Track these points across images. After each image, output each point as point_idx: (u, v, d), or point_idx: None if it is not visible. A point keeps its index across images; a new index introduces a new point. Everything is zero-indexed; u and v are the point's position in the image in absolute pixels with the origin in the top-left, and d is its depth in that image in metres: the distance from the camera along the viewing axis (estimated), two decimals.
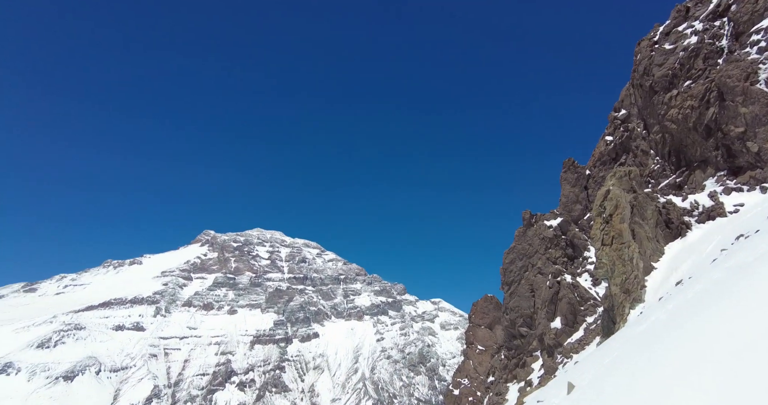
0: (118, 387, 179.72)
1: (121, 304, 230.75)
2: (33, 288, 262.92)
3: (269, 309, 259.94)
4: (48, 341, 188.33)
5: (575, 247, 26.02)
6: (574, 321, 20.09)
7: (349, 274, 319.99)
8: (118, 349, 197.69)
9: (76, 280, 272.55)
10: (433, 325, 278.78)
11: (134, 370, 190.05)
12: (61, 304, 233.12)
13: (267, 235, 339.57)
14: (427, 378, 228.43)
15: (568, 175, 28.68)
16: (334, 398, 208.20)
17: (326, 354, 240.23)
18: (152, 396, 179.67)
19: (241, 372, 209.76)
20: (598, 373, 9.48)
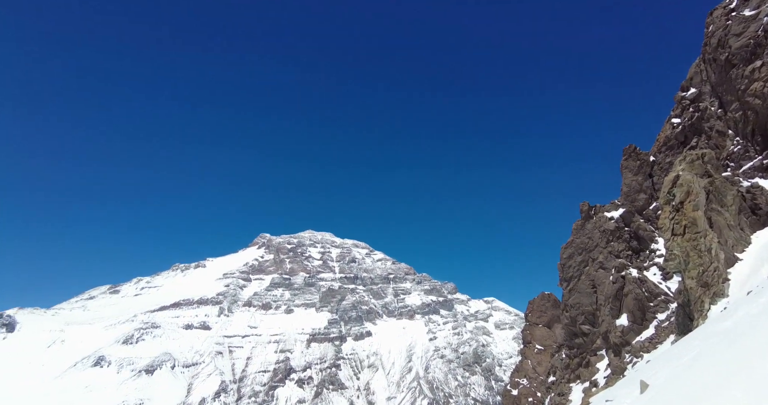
0: (191, 381, 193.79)
1: (189, 305, 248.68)
2: (116, 290, 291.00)
3: (323, 308, 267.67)
4: (131, 338, 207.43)
5: (640, 239, 24.26)
6: (642, 318, 18.73)
7: (398, 274, 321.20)
8: (188, 347, 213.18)
9: (150, 283, 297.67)
10: (487, 325, 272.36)
11: (203, 366, 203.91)
12: (139, 304, 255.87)
13: (318, 237, 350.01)
14: (483, 378, 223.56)
15: (629, 162, 26.81)
16: (389, 396, 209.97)
17: (379, 353, 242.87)
18: (220, 390, 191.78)
19: (299, 369, 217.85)
20: (676, 372, 8.79)
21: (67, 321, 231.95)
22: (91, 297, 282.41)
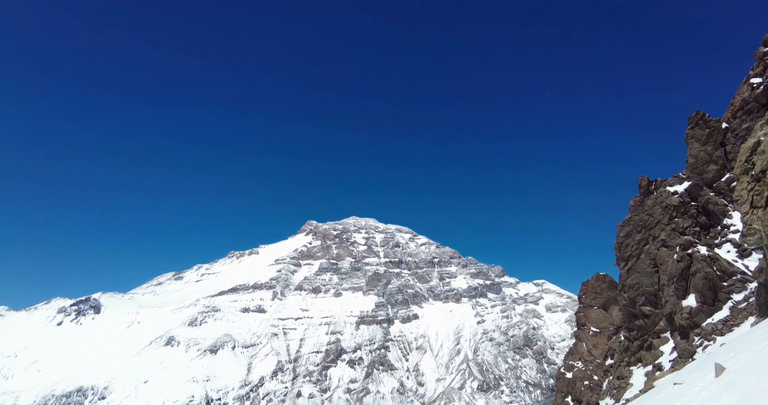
0: (250, 361, 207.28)
1: (245, 290, 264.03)
2: (180, 276, 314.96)
3: (370, 291, 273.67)
4: (195, 320, 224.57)
5: (710, 213, 22.27)
6: (714, 299, 17.32)
7: (443, 257, 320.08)
8: (246, 329, 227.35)
9: (210, 269, 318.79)
10: (538, 307, 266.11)
11: (261, 346, 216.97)
12: (200, 289, 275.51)
13: (362, 223, 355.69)
14: (535, 361, 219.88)
15: (696, 131, 24.48)
16: (438, 378, 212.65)
17: (427, 335, 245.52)
18: (277, 370, 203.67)
19: (350, 350, 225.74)
20: (759, 356, 8.05)
21: (141, 304, 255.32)
22: (159, 283, 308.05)
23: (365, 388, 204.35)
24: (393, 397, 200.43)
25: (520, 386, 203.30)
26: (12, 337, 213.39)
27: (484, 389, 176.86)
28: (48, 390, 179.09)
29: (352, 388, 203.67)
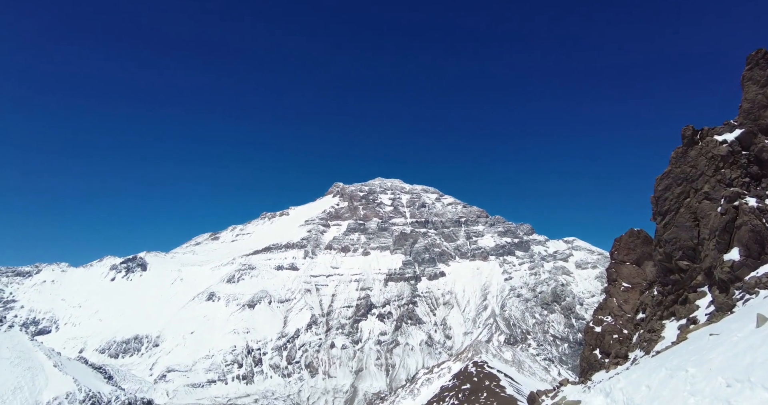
0: (286, 314, 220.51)
1: (278, 249, 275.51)
2: (216, 236, 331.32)
3: (397, 250, 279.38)
4: (233, 278, 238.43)
5: (763, 163, 20.56)
6: (760, 252, 16.38)
7: (470, 217, 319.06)
8: (281, 285, 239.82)
9: (244, 230, 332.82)
10: (567, 265, 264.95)
11: (295, 301, 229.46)
12: (236, 249, 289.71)
13: (388, 184, 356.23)
14: (563, 316, 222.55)
15: (755, 72, 22.05)
16: (465, 331, 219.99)
17: (454, 291, 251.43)
18: (311, 323, 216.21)
19: (379, 305, 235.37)
20: None
21: (182, 263, 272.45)
22: (197, 243, 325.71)
23: (395, 340, 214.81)
24: (421, 349, 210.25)
25: (547, 340, 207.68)
26: (75, 290, 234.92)
27: (511, 342, 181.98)
28: (110, 337, 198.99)
29: (382, 340, 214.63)
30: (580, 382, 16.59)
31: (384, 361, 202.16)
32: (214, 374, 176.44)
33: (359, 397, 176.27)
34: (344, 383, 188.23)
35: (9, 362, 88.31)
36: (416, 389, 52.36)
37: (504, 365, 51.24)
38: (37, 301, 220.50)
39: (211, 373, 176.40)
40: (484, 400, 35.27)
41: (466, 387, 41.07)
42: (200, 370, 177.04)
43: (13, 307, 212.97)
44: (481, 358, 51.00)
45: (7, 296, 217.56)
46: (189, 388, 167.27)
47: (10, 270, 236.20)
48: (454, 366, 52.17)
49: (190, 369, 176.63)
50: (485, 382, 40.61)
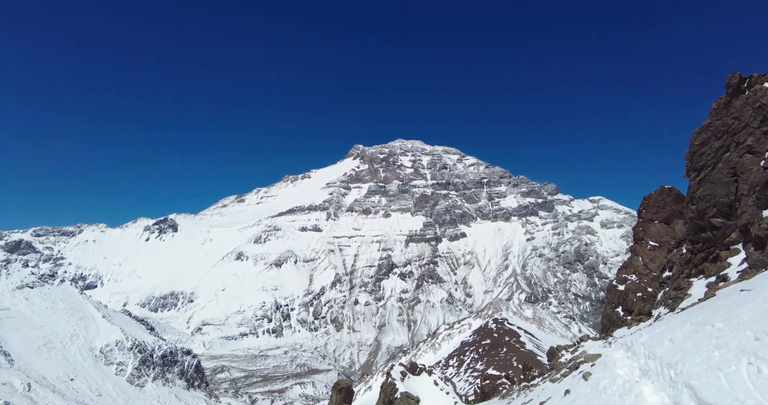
0: (311, 273, 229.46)
1: (301, 211, 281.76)
2: (242, 199, 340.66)
3: (418, 212, 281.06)
4: (260, 239, 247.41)
5: None
6: None
7: (492, 177, 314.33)
8: (305, 245, 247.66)
9: (268, 193, 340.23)
10: (592, 224, 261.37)
11: (319, 261, 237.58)
12: (261, 211, 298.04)
13: (408, 145, 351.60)
14: (586, 275, 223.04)
15: None
16: (486, 290, 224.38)
17: (475, 252, 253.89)
18: (335, 281, 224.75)
19: (400, 265, 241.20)
20: None
21: (210, 224, 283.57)
22: (224, 205, 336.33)
23: (416, 298, 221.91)
24: (442, 306, 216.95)
25: (568, 298, 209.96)
26: (114, 249, 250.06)
27: (531, 301, 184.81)
28: (149, 292, 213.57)
29: (404, 298, 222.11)
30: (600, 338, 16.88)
31: (406, 318, 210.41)
32: (245, 328, 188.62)
33: (382, 350, 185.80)
34: (368, 337, 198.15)
35: (64, 312, 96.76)
36: (437, 344, 54.59)
37: (524, 322, 52.48)
38: (82, 259, 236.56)
39: (242, 327, 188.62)
40: (504, 355, 36.56)
41: (486, 342, 42.51)
42: (233, 324, 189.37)
43: (62, 264, 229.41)
44: (501, 315, 52.31)
45: (56, 254, 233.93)
46: (223, 340, 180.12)
47: (56, 230, 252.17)
48: (475, 322, 53.82)
49: (224, 323, 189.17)
50: (505, 337, 41.88)
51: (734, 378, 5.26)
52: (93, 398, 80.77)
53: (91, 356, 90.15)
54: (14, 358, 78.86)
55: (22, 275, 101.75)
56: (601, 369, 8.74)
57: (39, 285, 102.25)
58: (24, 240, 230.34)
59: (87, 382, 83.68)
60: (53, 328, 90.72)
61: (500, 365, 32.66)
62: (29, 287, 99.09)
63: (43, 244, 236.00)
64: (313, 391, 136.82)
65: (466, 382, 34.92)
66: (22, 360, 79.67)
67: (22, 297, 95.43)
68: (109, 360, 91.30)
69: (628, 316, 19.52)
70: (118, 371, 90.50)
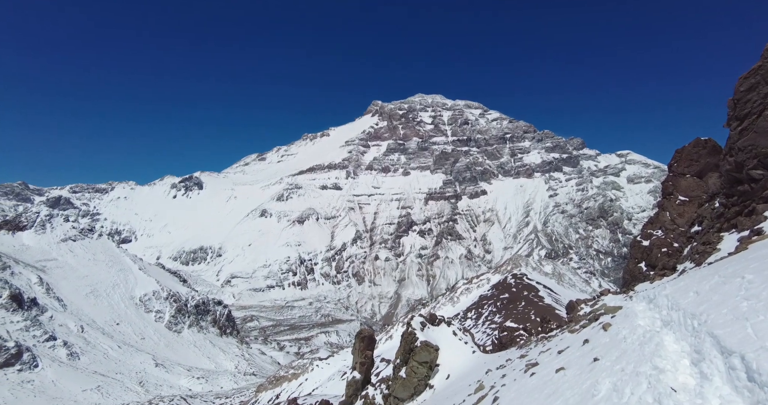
0: (332, 230, 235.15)
1: (321, 169, 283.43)
2: (263, 157, 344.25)
3: (437, 170, 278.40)
4: (282, 196, 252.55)
5: None
6: None
7: (516, 132, 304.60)
8: (326, 203, 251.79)
9: (288, 151, 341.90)
10: (618, 179, 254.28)
11: (340, 218, 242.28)
12: (282, 169, 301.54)
13: (428, 100, 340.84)
14: (609, 231, 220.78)
15: None
16: (506, 246, 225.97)
17: (495, 208, 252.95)
18: (356, 238, 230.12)
19: (419, 222, 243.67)
20: None
21: (234, 182, 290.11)
22: (246, 163, 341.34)
23: (435, 254, 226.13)
24: (461, 262, 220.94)
25: (590, 254, 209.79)
26: (144, 206, 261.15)
27: (552, 257, 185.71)
28: (179, 247, 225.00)
29: (423, 254, 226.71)
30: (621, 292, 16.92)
31: (425, 272, 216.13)
32: (272, 281, 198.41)
33: (402, 302, 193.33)
34: (388, 290, 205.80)
35: (105, 264, 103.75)
36: (456, 297, 56.13)
37: (543, 277, 53.04)
38: (115, 215, 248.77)
39: (269, 280, 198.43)
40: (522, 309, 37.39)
41: (504, 296, 43.42)
42: (260, 277, 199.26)
43: (99, 219, 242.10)
44: (520, 271, 52.90)
45: (92, 210, 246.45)
46: (251, 292, 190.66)
47: (90, 187, 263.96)
48: (493, 277, 54.75)
49: (251, 276, 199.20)
50: (524, 292, 42.61)
51: (761, 327, 5.19)
52: (138, 341, 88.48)
53: (132, 304, 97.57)
54: (66, 303, 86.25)
55: (64, 229, 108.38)
56: (621, 320, 8.82)
57: (80, 238, 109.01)
58: (63, 196, 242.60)
59: (131, 327, 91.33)
60: (97, 278, 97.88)
61: (518, 318, 33.56)
62: (72, 240, 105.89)
63: (80, 200, 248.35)
64: (337, 339, 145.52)
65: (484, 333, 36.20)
66: (73, 305, 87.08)
67: (67, 249, 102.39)
68: (148, 308, 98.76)
69: (651, 272, 19.35)
70: (157, 318, 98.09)
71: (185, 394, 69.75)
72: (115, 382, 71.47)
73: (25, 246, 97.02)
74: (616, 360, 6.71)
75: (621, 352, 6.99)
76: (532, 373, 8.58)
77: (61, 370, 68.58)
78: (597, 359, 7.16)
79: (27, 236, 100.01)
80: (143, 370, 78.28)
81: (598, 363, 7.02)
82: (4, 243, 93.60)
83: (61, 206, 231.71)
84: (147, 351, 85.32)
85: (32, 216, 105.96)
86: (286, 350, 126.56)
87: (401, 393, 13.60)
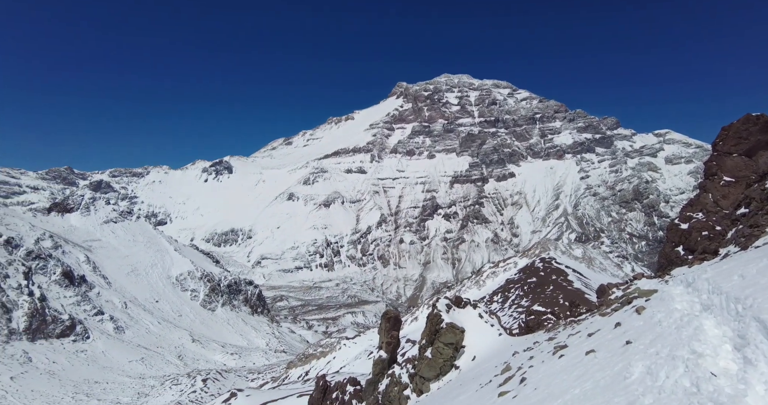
0: (357, 213, 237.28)
1: (346, 153, 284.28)
2: (289, 141, 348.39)
3: (463, 152, 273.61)
4: (308, 180, 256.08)
5: None
6: None
7: (546, 112, 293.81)
8: (351, 187, 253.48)
9: (313, 135, 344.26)
10: (655, 160, 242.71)
11: (365, 202, 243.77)
12: (308, 153, 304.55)
13: (455, 80, 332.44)
14: (644, 214, 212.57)
15: None
16: (534, 230, 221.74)
17: (524, 191, 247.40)
18: (381, 221, 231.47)
19: (445, 206, 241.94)
20: None
21: (262, 166, 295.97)
22: (273, 148, 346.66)
23: (460, 237, 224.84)
24: (487, 246, 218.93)
25: (623, 238, 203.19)
26: (177, 189, 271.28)
27: (582, 240, 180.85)
28: (212, 229, 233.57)
29: (448, 238, 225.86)
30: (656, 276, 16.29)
31: (450, 256, 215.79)
32: (300, 262, 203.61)
33: (427, 285, 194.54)
34: (413, 273, 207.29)
35: (144, 245, 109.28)
36: (481, 281, 55.86)
37: (573, 261, 51.84)
38: (151, 198, 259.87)
39: (297, 261, 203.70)
40: (550, 293, 36.79)
41: (531, 280, 42.82)
42: (288, 258, 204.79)
43: (136, 202, 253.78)
44: (549, 255, 51.86)
45: (130, 193, 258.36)
46: (280, 272, 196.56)
47: (128, 171, 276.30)
48: (521, 261, 53.97)
49: (280, 257, 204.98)
50: (552, 276, 41.85)
51: None
52: (175, 318, 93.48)
53: (169, 283, 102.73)
54: (111, 281, 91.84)
55: (106, 211, 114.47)
56: (656, 303, 8.49)
57: (121, 220, 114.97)
58: (104, 180, 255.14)
59: (169, 305, 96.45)
60: (136, 258, 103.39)
61: (546, 302, 33.08)
62: (113, 222, 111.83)
63: (119, 184, 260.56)
64: (363, 319, 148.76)
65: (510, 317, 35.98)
66: (117, 283, 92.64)
67: (109, 230, 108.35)
68: (184, 287, 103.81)
69: (690, 256, 18.49)
70: (192, 297, 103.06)
71: (220, 368, 73.65)
72: (156, 354, 76.18)
73: (73, 227, 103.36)
74: (650, 343, 6.49)
75: (656, 336, 6.75)
76: (561, 355, 8.46)
77: (109, 342, 73.67)
78: (629, 342, 6.96)
79: (74, 218, 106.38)
80: (181, 345, 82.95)
81: (630, 346, 6.82)
82: (55, 224, 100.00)
83: (102, 190, 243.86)
84: (184, 327, 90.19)
85: (78, 199, 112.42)
86: (314, 329, 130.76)
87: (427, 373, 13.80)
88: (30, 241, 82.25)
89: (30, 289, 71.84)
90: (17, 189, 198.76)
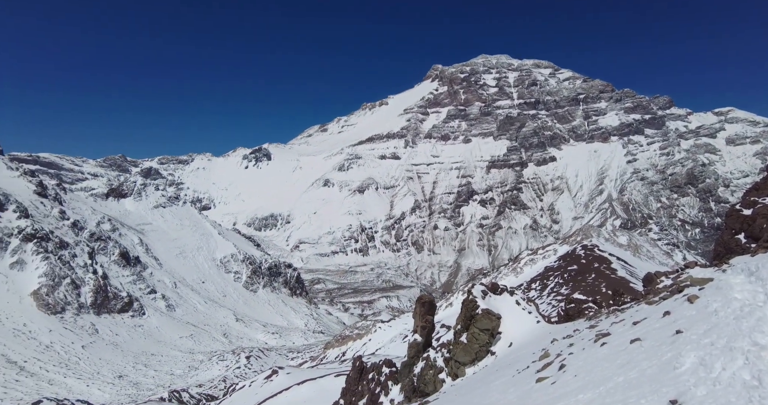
0: (391, 199, 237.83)
1: (380, 139, 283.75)
2: (325, 128, 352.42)
3: (501, 136, 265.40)
4: (343, 166, 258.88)
5: None
6: None
7: (591, 93, 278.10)
8: (385, 173, 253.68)
9: (348, 121, 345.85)
10: (714, 141, 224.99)
11: (399, 188, 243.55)
12: (342, 140, 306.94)
13: (492, 61, 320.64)
14: (698, 199, 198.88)
15: None
16: (576, 216, 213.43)
17: (565, 176, 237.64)
18: (415, 207, 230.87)
19: (480, 192, 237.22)
20: None
21: (299, 153, 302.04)
22: (309, 135, 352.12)
23: (497, 224, 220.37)
24: (525, 232, 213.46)
25: (673, 225, 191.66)
26: (219, 176, 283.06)
27: (627, 227, 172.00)
28: (252, 214, 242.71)
29: (484, 224, 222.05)
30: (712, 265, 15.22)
31: (486, 242, 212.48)
32: (336, 247, 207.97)
33: (462, 271, 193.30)
34: (448, 259, 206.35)
35: (190, 229, 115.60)
36: (519, 268, 54.72)
37: (617, 249, 49.55)
38: (196, 184, 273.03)
39: (333, 246, 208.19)
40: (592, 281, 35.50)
41: (572, 268, 41.45)
42: (324, 243, 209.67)
43: (182, 188, 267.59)
44: (591, 242, 49.82)
45: (176, 179, 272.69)
46: (317, 256, 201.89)
47: (174, 158, 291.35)
48: (561, 248, 52.23)
49: (317, 242, 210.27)
50: (594, 264, 40.29)
51: None
52: (220, 298, 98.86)
53: (214, 265, 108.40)
54: (162, 262, 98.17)
55: (156, 197, 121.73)
56: (711, 292, 7.94)
57: (169, 205, 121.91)
58: (153, 167, 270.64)
59: (214, 285, 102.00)
60: (184, 241, 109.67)
61: (587, 291, 31.96)
62: (162, 207, 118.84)
63: (166, 171, 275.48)
64: (398, 303, 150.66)
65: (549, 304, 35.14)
66: (167, 264, 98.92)
67: (159, 214, 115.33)
68: (227, 269, 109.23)
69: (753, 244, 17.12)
70: (236, 278, 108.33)
71: (262, 346, 77.50)
72: (204, 332, 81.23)
73: (127, 211, 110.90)
74: (704, 334, 6.09)
75: (710, 326, 6.33)
76: (603, 343, 8.15)
77: (162, 319, 79.31)
78: (680, 331, 6.57)
79: (128, 203, 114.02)
80: (226, 324, 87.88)
81: (681, 335, 6.44)
82: (112, 208, 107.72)
83: (152, 176, 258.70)
84: (228, 307, 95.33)
85: (131, 185, 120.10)
86: (351, 312, 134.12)
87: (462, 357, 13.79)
88: (92, 223, 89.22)
89: (94, 267, 78.36)
90: (80, 176, 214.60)
